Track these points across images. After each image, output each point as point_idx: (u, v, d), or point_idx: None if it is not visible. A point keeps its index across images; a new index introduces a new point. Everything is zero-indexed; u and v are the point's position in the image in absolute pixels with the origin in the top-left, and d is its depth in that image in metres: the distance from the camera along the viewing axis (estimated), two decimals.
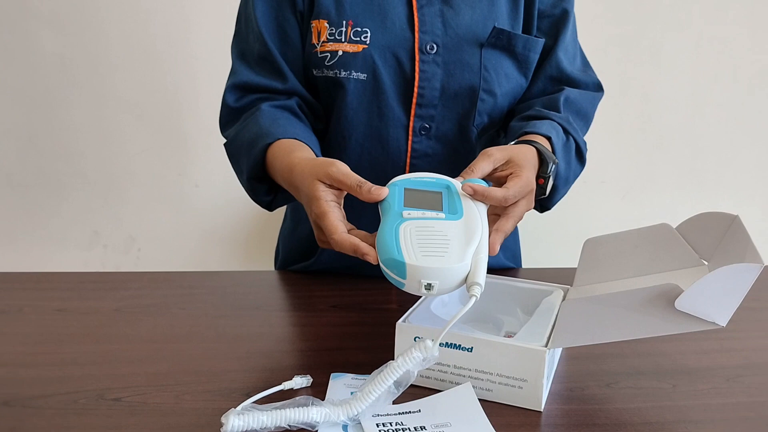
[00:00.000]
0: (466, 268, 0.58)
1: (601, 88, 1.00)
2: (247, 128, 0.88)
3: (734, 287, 0.54)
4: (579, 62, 1.00)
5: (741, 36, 1.77)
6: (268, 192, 0.90)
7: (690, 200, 1.84)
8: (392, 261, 0.57)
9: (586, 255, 0.77)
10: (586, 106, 0.96)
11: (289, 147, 0.81)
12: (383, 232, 0.60)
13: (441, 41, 0.88)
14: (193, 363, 0.69)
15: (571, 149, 0.89)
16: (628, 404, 0.62)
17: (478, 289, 0.57)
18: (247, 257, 1.84)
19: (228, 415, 0.54)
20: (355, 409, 0.56)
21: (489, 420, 0.58)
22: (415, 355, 0.55)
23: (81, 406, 0.60)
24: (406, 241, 0.58)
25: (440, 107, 0.91)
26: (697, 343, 0.75)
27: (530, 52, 0.93)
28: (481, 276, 0.57)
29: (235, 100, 0.92)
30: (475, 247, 0.59)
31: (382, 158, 0.93)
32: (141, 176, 1.78)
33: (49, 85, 1.70)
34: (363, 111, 0.91)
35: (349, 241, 0.62)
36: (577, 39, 1.00)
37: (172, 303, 0.86)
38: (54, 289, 0.91)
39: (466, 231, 0.60)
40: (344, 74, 0.88)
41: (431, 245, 0.58)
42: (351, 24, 0.88)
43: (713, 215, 0.71)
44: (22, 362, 0.69)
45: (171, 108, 1.74)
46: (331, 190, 0.67)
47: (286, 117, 0.88)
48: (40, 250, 1.80)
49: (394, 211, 0.62)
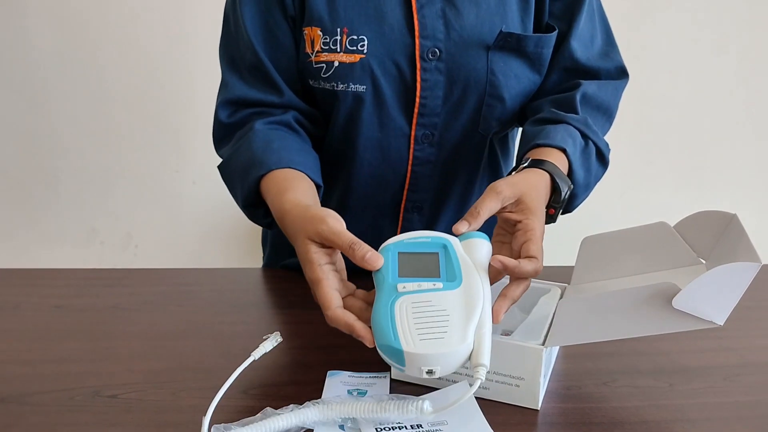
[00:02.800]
0: (469, 348, 0.54)
1: (625, 73, 0.92)
2: (240, 152, 0.83)
3: (732, 286, 0.54)
4: (599, 45, 0.91)
5: (741, 36, 1.77)
6: (266, 215, 0.83)
7: (688, 199, 1.84)
8: (389, 348, 0.54)
9: (584, 253, 0.77)
10: (608, 98, 0.89)
11: (282, 183, 0.76)
12: (378, 313, 0.56)
13: (443, 46, 0.82)
14: (190, 360, 0.69)
15: (591, 154, 0.83)
16: (625, 403, 0.62)
17: (483, 370, 0.54)
18: (244, 254, 1.84)
19: None
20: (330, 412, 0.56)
21: (486, 418, 0.58)
22: (410, 410, 0.55)
23: (77, 403, 0.60)
24: (403, 323, 0.55)
25: (444, 115, 0.86)
26: (695, 342, 0.75)
27: (543, 48, 0.86)
28: (485, 356, 0.54)
29: (227, 116, 0.87)
30: (477, 321, 0.55)
31: (383, 166, 0.90)
32: (138, 173, 1.77)
33: (47, 81, 1.70)
34: (363, 122, 0.86)
35: (344, 319, 0.58)
36: (597, 17, 0.91)
37: (170, 300, 0.86)
38: (51, 285, 0.91)
39: (467, 302, 0.56)
40: (342, 87, 0.83)
41: (430, 325, 0.55)
42: (346, 32, 0.82)
43: (711, 214, 0.71)
44: (19, 359, 0.69)
45: (168, 105, 1.74)
46: (323, 251, 0.62)
47: (281, 137, 0.83)
48: (37, 246, 1.80)
49: (388, 284, 0.58)
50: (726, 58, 1.79)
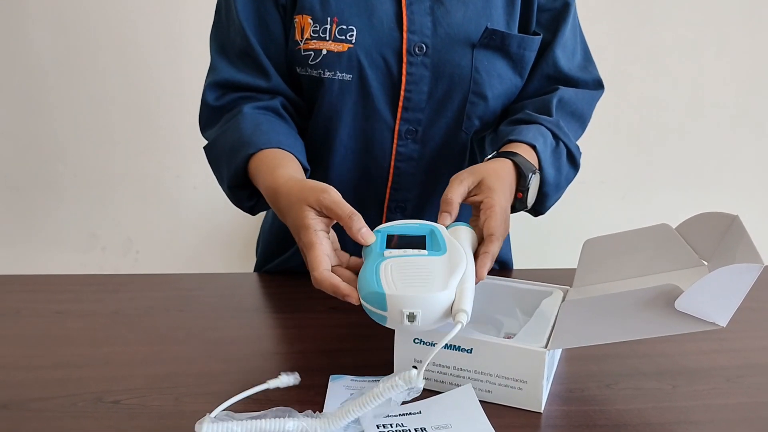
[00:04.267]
0: (450, 296, 0.57)
1: (601, 86, 0.96)
2: (228, 133, 0.84)
3: (734, 287, 0.54)
4: (579, 58, 0.96)
5: (740, 36, 1.77)
6: (250, 197, 0.86)
7: (690, 200, 1.84)
8: (372, 294, 0.57)
9: (586, 255, 0.77)
10: (582, 106, 0.93)
11: (273, 161, 0.78)
12: (364, 270, 0.60)
13: (430, 41, 0.85)
14: (192, 365, 0.69)
15: (561, 155, 0.87)
16: (628, 405, 0.62)
17: (464, 316, 0.56)
18: (245, 259, 1.84)
19: (203, 421, 0.53)
20: (332, 425, 0.55)
21: (489, 421, 0.58)
22: (399, 384, 0.55)
23: (79, 409, 0.60)
24: (387, 276, 0.58)
25: (428, 111, 0.88)
26: (697, 343, 0.75)
27: (526, 50, 0.89)
28: (467, 303, 0.57)
29: (215, 98, 0.88)
30: (460, 276, 0.59)
31: (367, 159, 0.91)
32: (139, 178, 1.77)
33: (47, 86, 1.70)
34: (348, 112, 0.87)
35: (329, 280, 0.60)
36: (578, 32, 0.96)
37: (171, 305, 0.86)
38: (52, 291, 0.91)
39: (450, 263, 0.60)
40: (328, 74, 0.85)
41: (413, 277, 0.58)
42: (336, 21, 0.84)
43: (713, 215, 0.71)
44: (20, 365, 0.69)
45: (169, 110, 1.74)
46: (321, 219, 0.65)
47: (269, 121, 0.85)
48: (38, 252, 1.80)
49: (375, 253, 0.62)
50: (727, 59, 1.79)
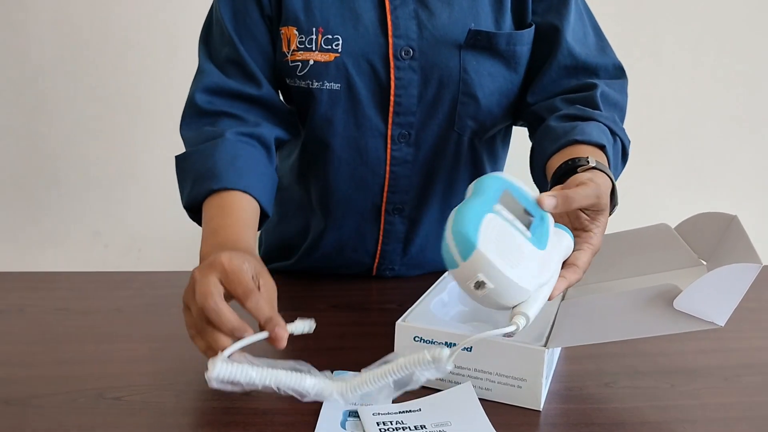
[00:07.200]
0: (526, 294, 0.54)
1: (623, 72, 0.91)
2: (203, 155, 0.81)
3: (733, 287, 0.54)
4: (593, 42, 0.91)
5: (741, 36, 1.77)
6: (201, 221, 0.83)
7: (688, 200, 1.84)
8: (464, 237, 0.51)
9: None
10: (621, 98, 0.88)
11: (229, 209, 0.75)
12: (470, 204, 0.54)
13: (416, 45, 0.84)
14: (194, 362, 0.69)
15: (618, 152, 0.82)
16: (627, 404, 0.63)
17: (523, 320, 0.53)
18: None
19: (215, 360, 0.51)
20: (350, 392, 0.53)
21: (488, 419, 0.58)
22: (427, 359, 0.52)
23: (81, 406, 0.60)
24: (486, 231, 0.52)
25: (419, 114, 0.87)
26: (696, 342, 0.75)
27: (516, 46, 0.87)
28: (532, 310, 0.54)
29: (206, 102, 0.87)
30: (543, 282, 0.55)
31: (361, 167, 0.90)
32: (142, 176, 1.78)
33: (50, 84, 1.70)
34: (339, 121, 0.87)
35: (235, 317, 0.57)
36: (585, 13, 0.91)
37: (173, 303, 0.86)
38: (55, 288, 0.91)
39: (542, 264, 0.56)
40: (317, 85, 0.85)
41: (507, 252, 0.53)
42: (321, 31, 0.84)
43: (712, 215, 0.71)
44: (23, 361, 0.69)
45: (172, 108, 1.74)
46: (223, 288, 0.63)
47: (248, 155, 0.81)
48: (41, 249, 1.80)
49: (488, 197, 0.55)
50: (727, 59, 1.79)
